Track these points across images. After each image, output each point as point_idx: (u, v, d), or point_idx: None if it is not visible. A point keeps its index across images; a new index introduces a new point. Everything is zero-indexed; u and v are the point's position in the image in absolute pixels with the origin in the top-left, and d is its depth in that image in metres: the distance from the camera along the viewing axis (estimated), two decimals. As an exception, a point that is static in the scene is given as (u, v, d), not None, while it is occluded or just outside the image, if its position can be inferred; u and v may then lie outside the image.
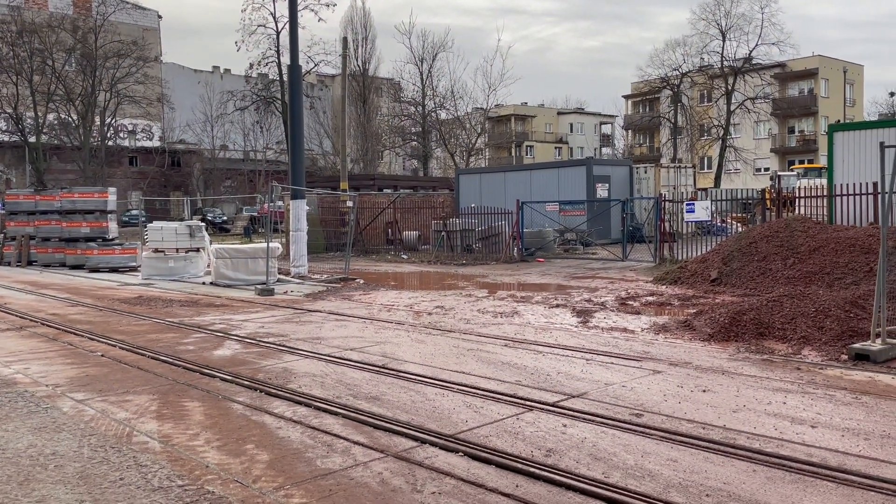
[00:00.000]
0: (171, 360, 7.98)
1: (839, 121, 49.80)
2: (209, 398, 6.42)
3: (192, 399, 6.40)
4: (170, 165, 59.51)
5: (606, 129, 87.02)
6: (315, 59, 49.16)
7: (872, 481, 4.22)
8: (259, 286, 14.84)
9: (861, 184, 14.18)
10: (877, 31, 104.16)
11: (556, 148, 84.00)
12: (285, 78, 40.95)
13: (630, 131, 71.73)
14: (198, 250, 18.70)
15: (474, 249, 23.04)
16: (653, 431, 5.23)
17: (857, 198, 14.44)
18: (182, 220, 31.38)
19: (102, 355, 8.41)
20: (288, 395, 6.44)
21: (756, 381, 6.62)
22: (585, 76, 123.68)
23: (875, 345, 7.32)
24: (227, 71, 71.26)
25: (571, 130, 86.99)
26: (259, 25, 47.06)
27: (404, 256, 24.07)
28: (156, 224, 19.52)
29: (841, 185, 14.97)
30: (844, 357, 7.34)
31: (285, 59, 26.08)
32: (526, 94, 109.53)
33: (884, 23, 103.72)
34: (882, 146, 7.50)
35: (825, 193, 15.81)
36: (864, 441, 4.93)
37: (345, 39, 31.21)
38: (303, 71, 38.23)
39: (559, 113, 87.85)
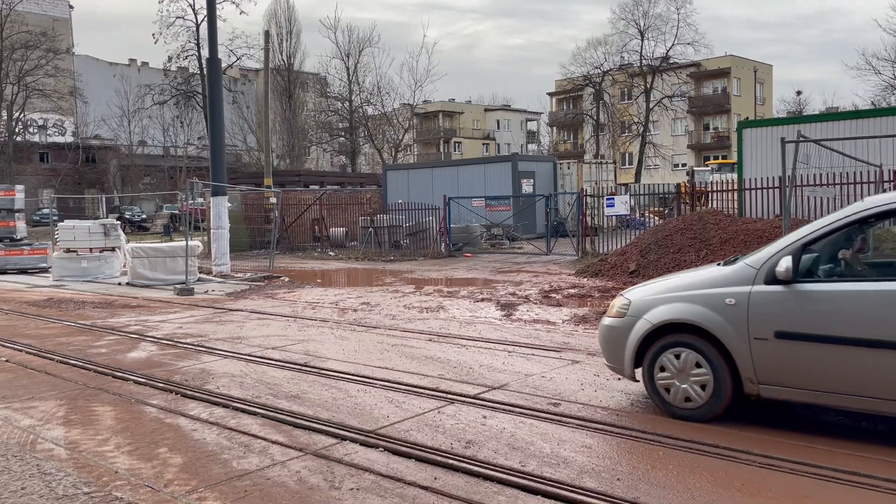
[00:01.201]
0: (81, 364, 7.66)
1: (747, 118, 52.08)
2: (121, 402, 6.20)
3: (102, 403, 6.16)
4: (84, 162, 57.00)
5: (532, 125, 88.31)
6: (237, 53, 48.08)
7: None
8: (178, 286, 14.41)
9: (768, 178, 14.89)
10: (785, 32, 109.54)
11: (483, 144, 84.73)
12: (206, 71, 39.88)
13: (555, 128, 73.03)
14: (113, 250, 17.99)
15: (402, 245, 23.02)
16: (569, 420, 5.36)
17: (764, 191, 15.16)
18: (97, 218, 30.14)
19: (7, 360, 8.00)
20: (205, 396, 6.28)
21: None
22: (512, 73, 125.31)
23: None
24: (145, 64, 68.80)
25: (498, 127, 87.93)
26: (178, 17, 45.67)
27: (331, 253, 23.83)
28: (67, 223, 18.66)
29: (750, 179, 15.68)
30: (751, 343, 7.69)
31: (206, 53, 25.31)
32: (453, 91, 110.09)
33: (790, 24, 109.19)
34: (783, 142, 7.90)
35: (735, 188, 16.53)
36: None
37: (266, 33, 30.58)
38: (224, 65, 37.28)
39: (486, 109, 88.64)
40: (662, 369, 5.29)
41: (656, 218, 21.80)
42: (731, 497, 3.97)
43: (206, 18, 24.17)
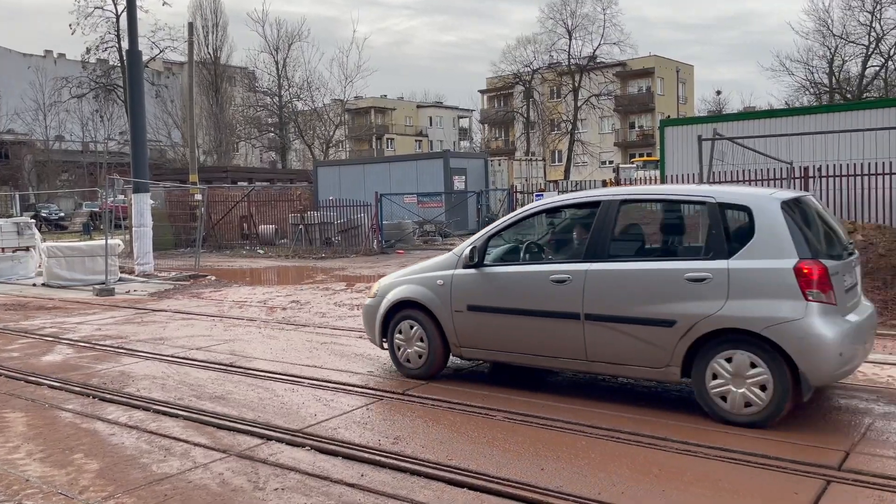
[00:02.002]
0: (-10, 370, 7.29)
1: (669, 116, 53.79)
2: (34, 407, 5.94)
3: (13, 409, 5.89)
4: (-5, 158, 54.12)
5: (464, 122, 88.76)
6: (160, 45, 46.32)
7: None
8: (98, 286, 13.87)
9: (688, 174, 15.43)
10: (705, 34, 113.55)
11: (416, 141, 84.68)
12: (126, 64, 38.55)
13: (486, 125, 73.63)
14: (28, 249, 17.16)
15: (334, 242, 22.80)
16: (495, 413, 5.43)
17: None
18: (10, 216, 28.71)
19: None
20: (124, 399, 6.09)
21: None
22: (444, 70, 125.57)
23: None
24: (62, 56, 65.68)
25: (431, 124, 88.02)
26: (96, 7, 43.71)
27: (260, 251, 23.39)
28: (-23, 222, 17.70)
29: (671, 175, 16.20)
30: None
31: (126, 45, 24.29)
32: (386, 87, 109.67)
33: (710, 25, 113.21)
34: (700, 139, 8.20)
35: (658, 184, 17.06)
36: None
37: (191, 25, 29.73)
38: (146, 57, 36.07)
39: (419, 106, 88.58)
40: (400, 334, 6.52)
41: (584, 214, 22.27)
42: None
43: (125, 9, 23.35)
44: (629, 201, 5.85)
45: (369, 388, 6.22)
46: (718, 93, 68.38)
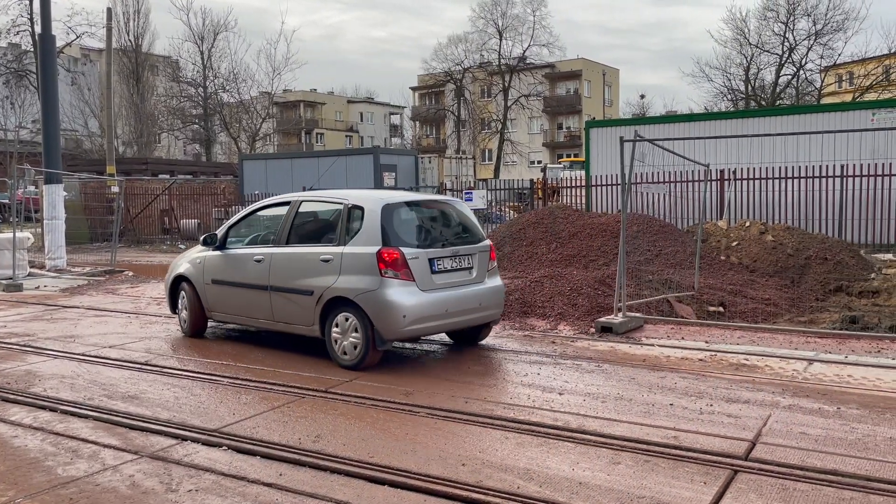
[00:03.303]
0: None
1: (594, 118, 55.09)
2: (-73, 410, 5.57)
3: None
4: None
5: (396, 119, 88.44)
6: (77, 31, 44.16)
7: (605, 438, 4.73)
8: (4, 281, 13.15)
9: (612, 175, 15.84)
10: (631, 39, 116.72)
11: (346, 136, 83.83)
12: (38, 49, 36.61)
13: (418, 122, 73.61)
14: (-74, 242, 16.11)
15: (258, 238, 22.31)
16: (420, 409, 5.42)
17: (609, 188, 16.11)
18: None
19: None
20: (29, 399, 5.79)
21: (516, 356, 7.14)
22: (375, 66, 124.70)
23: (617, 318, 8.22)
24: (-32, 37, 61.98)
25: (362, 119, 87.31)
26: (7, -13, 41.43)
27: (182, 246, 22.66)
28: None
29: (596, 176, 16.61)
30: (592, 330, 8.16)
31: (39, 29, 23.00)
32: (315, 81, 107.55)
33: (636, 31, 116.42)
34: (622, 140, 8.41)
35: (583, 184, 17.44)
36: (601, 403, 5.51)
37: (109, 10, 28.47)
38: (61, 42, 34.43)
39: (349, 101, 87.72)
40: (181, 301, 8.48)
41: (513, 212, 22.54)
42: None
43: (38, -10, 22.19)
44: (305, 202, 7.59)
45: (292, 386, 6.11)
46: (642, 96, 70.43)
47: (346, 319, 6.61)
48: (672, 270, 10.65)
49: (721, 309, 9.30)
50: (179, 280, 8.43)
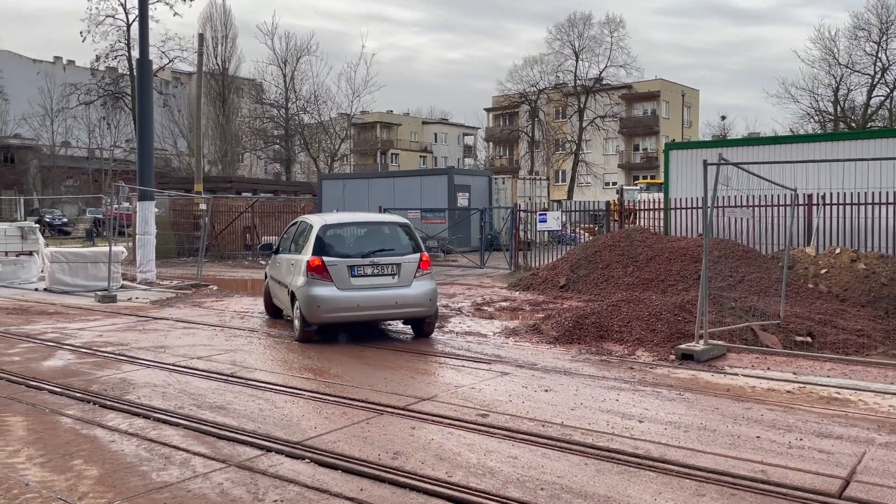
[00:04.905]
0: (-9, 373, 7.30)
1: (674, 140, 53.98)
2: (34, 412, 5.94)
3: (14, 414, 5.89)
4: (2, 162, 54.31)
5: (469, 140, 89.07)
6: (170, 55, 46.57)
7: (688, 469, 4.61)
8: (100, 293, 13.88)
9: (692, 198, 15.47)
10: (711, 59, 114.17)
11: (420, 157, 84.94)
12: (136, 73, 38.62)
13: (491, 143, 73.87)
14: (31, 254, 17.22)
15: (335, 256, 22.80)
16: (496, 430, 5.42)
17: (689, 211, 15.73)
18: (14, 221, 28.77)
19: None
20: (125, 406, 6.09)
21: (593, 381, 7.04)
22: (450, 87, 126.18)
23: (699, 345, 8.00)
24: (71, 62, 66.17)
25: (436, 140, 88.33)
26: (107, 16, 44.04)
27: (263, 262, 23.35)
28: (-19, 225, 17.77)
29: (675, 199, 16.24)
30: (672, 357, 7.97)
31: (136, 53, 24.36)
32: (392, 103, 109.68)
33: (717, 51, 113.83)
34: (705, 164, 8.23)
35: (662, 207, 17.10)
36: (683, 433, 5.37)
37: (201, 36, 29.92)
38: (155, 66, 36.22)
39: (424, 122, 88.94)
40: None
41: (587, 234, 22.28)
42: None
43: (137, 18, 23.50)
44: (300, 221, 10.22)
45: (369, 402, 6.21)
46: (723, 118, 68.48)
47: (296, 308, 8.95)
48: (756, 297, 10.30)
49: (809, 339, 8.92)
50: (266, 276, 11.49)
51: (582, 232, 23.37)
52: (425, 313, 9.24)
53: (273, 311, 11.02)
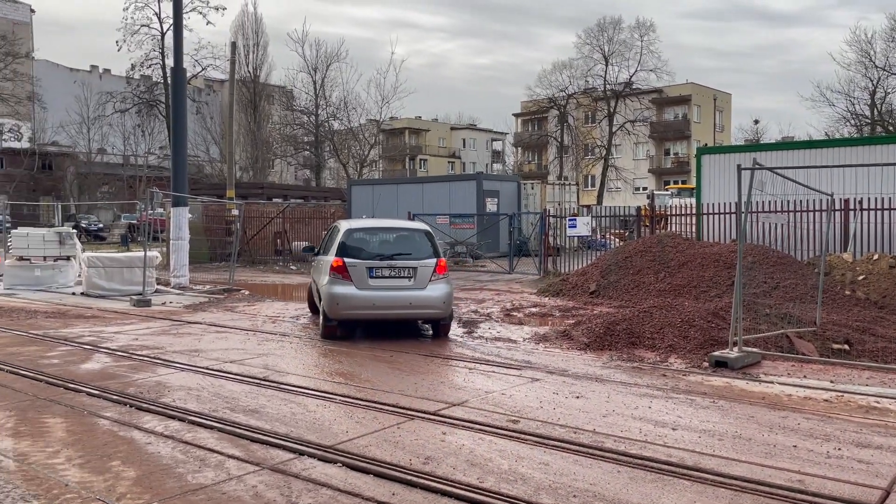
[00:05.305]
0: (32, 375, 7.47)
1: (706, 144, 53.34)
2: (73, 414, 6.07)
3: (53, 415, 6.02)
4: (40, 168, 55.60)
5: (497, 145, 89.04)
6: (202, 63, 47.44)
7: (723, 478, 4.55)
8: (135, 297, 14.13)
9: (725, 203, 15.28)
10: (744, 62, 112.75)
11: (449, 162, 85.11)
12: (170, 81, 39.18)
13: (520, 148, 73.75)
14: (68, 258, 17.60)
15: (364, 261, 22.93)
16: (527, 437, 5.40)
17: (721, 216, 15.53)
18: (52, 226, 29.43)
19: (-47, 370, 7.76)
20: (160, 409, 6.18)
21: (625, 388, 6.99)
22: (478, 93, 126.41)
23: (733, 352, 7.89)
24: (107, 71, 67.60)
25: (464, 145, 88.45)
26: (142, 25, 44.98)
27: (293, 267, 23.63)
28: (21, 230, 18.21)
29: (708, 204, 16.05)
30: (706, 364, 7.87)
31: (170, 62, 24.89)
32: (420, 108, 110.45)
33: (749, 54, 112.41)
34: (739, 168, 8.13)
35: (694, 212, 16.91)
36: (717, 441, 5.30)
37: (233, 44, 30.39)
38: (188, 74, 36.84)
39: (452, 128, 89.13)
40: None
41: (617, 240, 22.12)
42: None
43: (171, 27, 23.92)
44: (334, 226, 10.88)
45: (400, 407, 6.23)
46: (756, 122, 67.84)
47: (321, 302, 9.66)
48: (791, 304, 10.13)
49: (846, 347, 8.75)
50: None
51: (612, 237, 23.20)
52: (440, 315, 9.65)
53: (315, 309, 11.43)
